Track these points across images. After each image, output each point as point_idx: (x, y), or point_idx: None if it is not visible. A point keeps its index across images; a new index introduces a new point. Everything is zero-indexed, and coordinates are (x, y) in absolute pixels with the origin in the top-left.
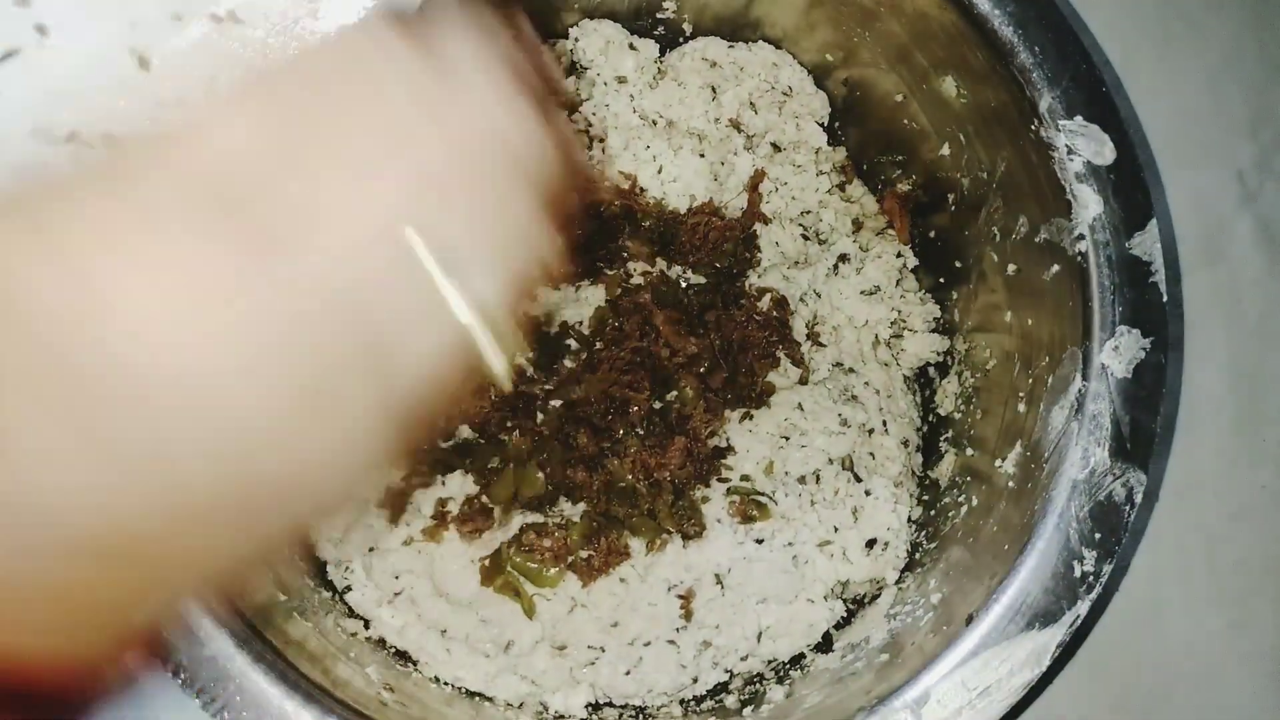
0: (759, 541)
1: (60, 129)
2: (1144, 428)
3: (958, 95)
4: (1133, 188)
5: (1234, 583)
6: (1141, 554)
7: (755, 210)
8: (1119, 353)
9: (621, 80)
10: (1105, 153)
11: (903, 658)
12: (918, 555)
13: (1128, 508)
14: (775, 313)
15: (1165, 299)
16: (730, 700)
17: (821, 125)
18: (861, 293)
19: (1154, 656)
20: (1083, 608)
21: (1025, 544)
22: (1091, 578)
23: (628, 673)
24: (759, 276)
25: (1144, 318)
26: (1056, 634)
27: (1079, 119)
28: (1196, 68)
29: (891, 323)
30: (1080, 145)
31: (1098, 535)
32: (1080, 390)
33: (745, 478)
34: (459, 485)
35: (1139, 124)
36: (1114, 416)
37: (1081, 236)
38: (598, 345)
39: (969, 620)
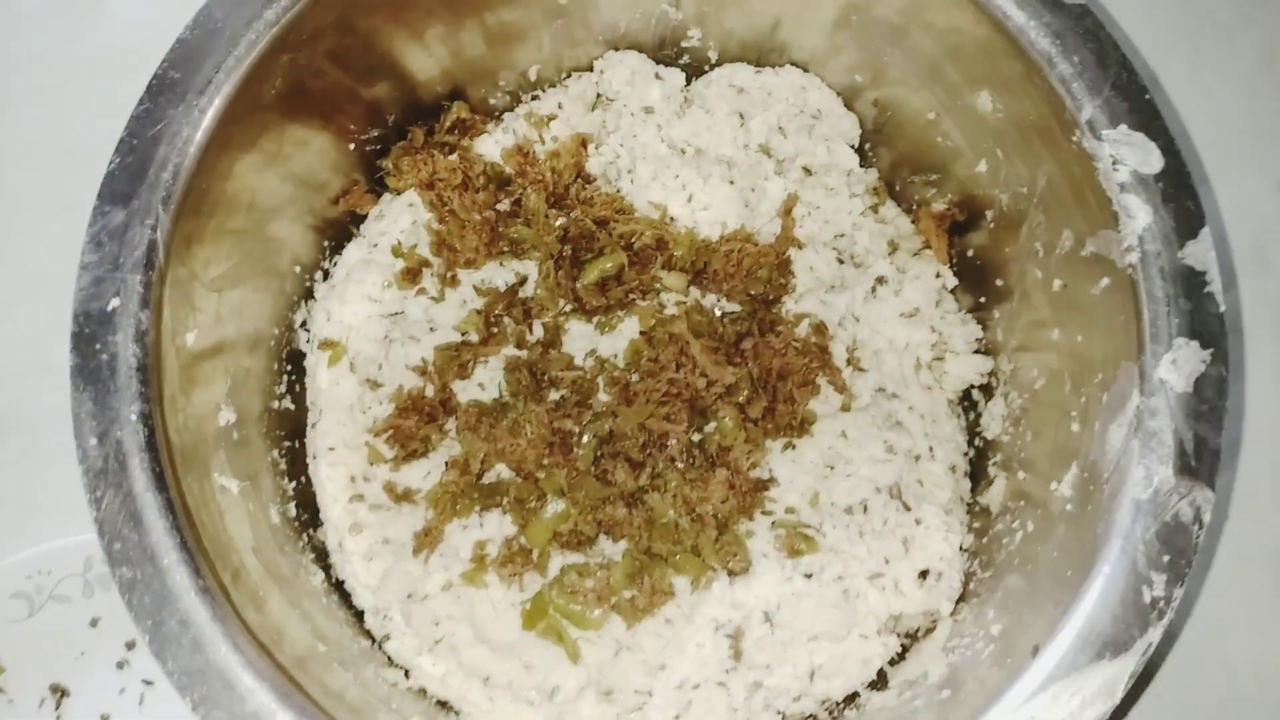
0: (808, 576)
1: None
2: (1208, 443)
3: (993, 110)
4: (1182, 196)
5: None
6: (1204, 575)
7: (789, 235)
8: (1177, 366)
9: (649, 110)
10: (1152, 161)
11: (965, 693)
12: (972, 585)
13: (1196, 527)
14: (814, 338)
15: (1223, 309)
16: None
17: (852, 147)
18: (901, 315)
19: (1221, 679)
20: (1155, 634)
21: (1090, 570)
22: (1162, 603)
23: (677, 717)
24: (795, 302)
25: (1201, 329)
26: (1129, 663)
27: (1123, 128)
28: (1231, 78)
29: (933, 345)
30: (1125, 154)
31: (1166, 558)
32: (1139, 406)
33: (790, 510)
34: (497, 526)
35: (1185, 132)
36: (1176, 432)
37: (1131, 248)
38: (633, 377)
39: (1035, 651)
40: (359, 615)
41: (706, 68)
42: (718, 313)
